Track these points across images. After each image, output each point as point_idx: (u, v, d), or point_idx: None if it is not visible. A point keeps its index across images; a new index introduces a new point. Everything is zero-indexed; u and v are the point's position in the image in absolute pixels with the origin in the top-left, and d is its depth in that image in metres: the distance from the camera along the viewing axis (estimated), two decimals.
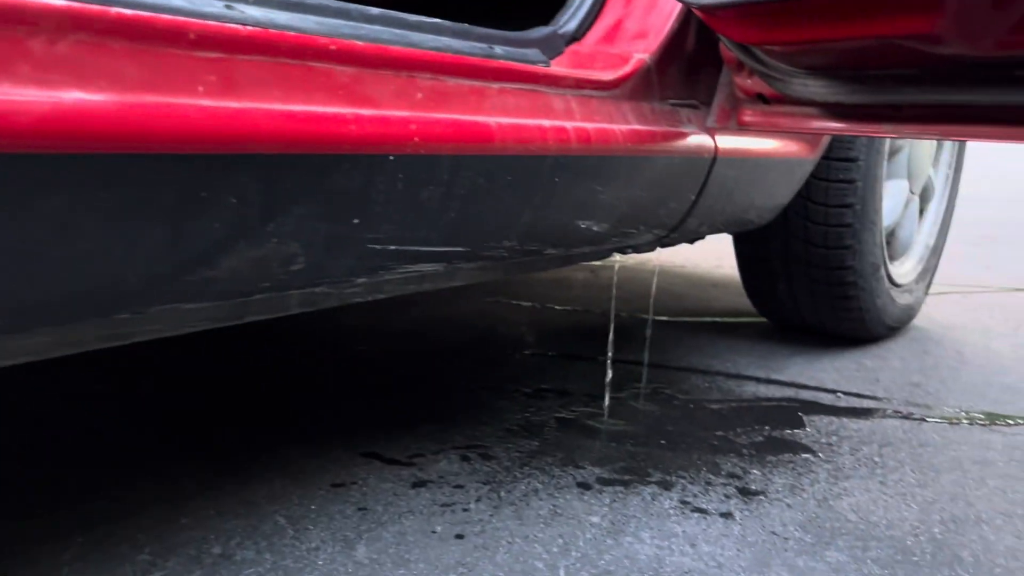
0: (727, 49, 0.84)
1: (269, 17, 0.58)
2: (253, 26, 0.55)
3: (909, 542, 0.83)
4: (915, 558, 0.80)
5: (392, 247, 0.64)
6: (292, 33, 0.54)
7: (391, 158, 0.59)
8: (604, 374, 1.32)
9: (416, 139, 0.60)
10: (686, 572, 0.76)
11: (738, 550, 0.80)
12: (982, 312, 2.02)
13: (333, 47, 0.56)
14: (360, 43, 0.58)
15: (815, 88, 0.74)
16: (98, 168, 0.44)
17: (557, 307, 1.81)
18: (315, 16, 0.62)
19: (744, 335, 1.66)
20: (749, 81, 0.85)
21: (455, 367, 1.36)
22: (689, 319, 1.78)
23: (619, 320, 1.72)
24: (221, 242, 0.51)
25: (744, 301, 1.68)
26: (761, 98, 0.85)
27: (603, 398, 1.21)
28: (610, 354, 1.21)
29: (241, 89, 0.50)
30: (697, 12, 0.73)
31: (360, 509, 0.84)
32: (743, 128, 0.90)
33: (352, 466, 0.95)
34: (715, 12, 0.70)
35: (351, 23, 0.64)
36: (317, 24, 0.62)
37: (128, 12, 0.45)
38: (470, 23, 0.81)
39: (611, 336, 1.21)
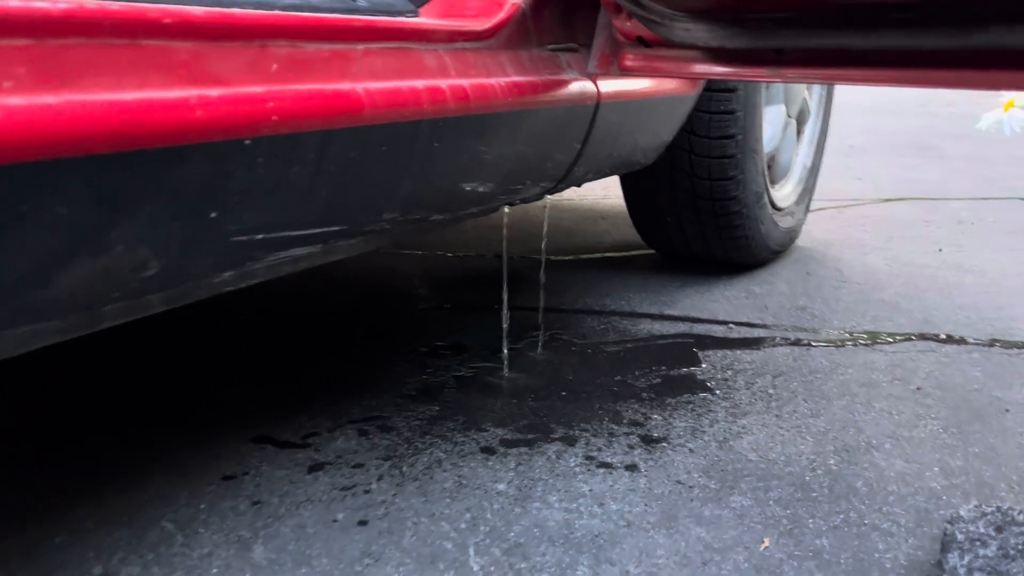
0: None
1: None
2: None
3: (807, 477, 0.85)
4: (814, 494, 0.82)
5: (259, 236, 0.59)
6: (115, 6, 0.47)
7: (247, 142, 0.53)
8: (500, 324, 1.30)
9: (274, 118, 0.54)
10: (596, 535, 0.75)
11: (646, 505, 0.80)
12: (856, 226, 2.10)
13: (168, 20, 0.49)
14: (199, 12, 0.51)
15: (697, 32, 0.71)
16: None
17: (448, 254, 1.77)
18: None
19: (636, 269, 1.66)
20: (628, 24, 0.81)
21: (346, 329, 1.31)
22: (581, 256, 1.77)
23: (512, 263, 1.70)
24: (53, 259, 0.45)
25: (634, 232, 1.67)
26: (642, 41, 0.82)
27: (501, 351, 1.19)
28: (505, 303, 1.18)
29: (60, 80, 0.43)
30: None
31: (255, 503, 0.80)
32: (625, 73, 0.87)
33: (243, 454, 0.90)
34: None
35: None
36: None
37: None
38: None
39: (505, 284, 1.18)
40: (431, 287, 1.54)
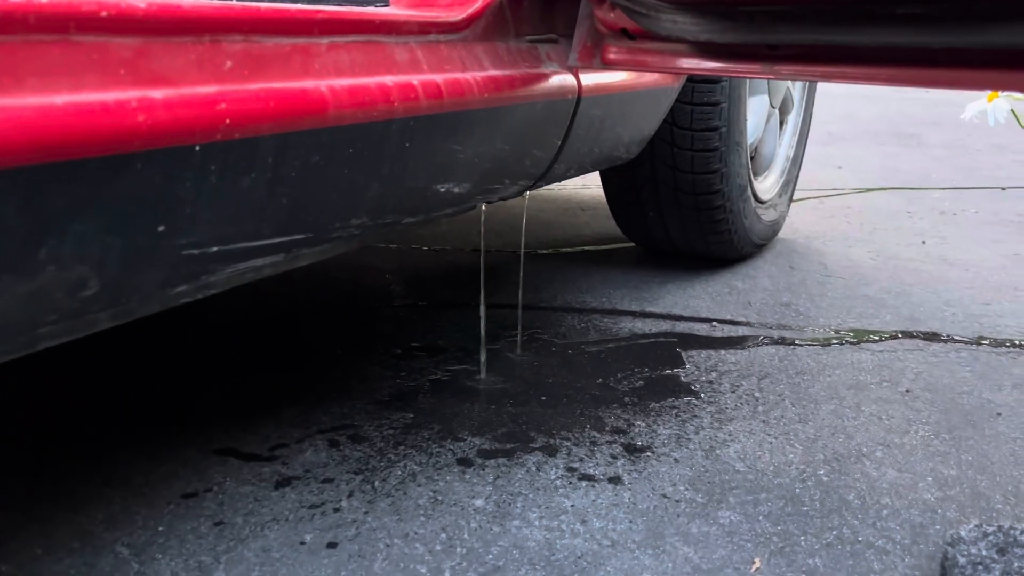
0: None
1: None
2: None
3: (798, 489, 0.82)
4: (805, 508, 0.79)
5: (214, 248, 0.54)
6: None
7: (197, 149, 0.48)
8: (478, 323, 1.25)
9: (227, 121, 0.49)
10: (579, 557, 0.71)
11: (630, 522, 0.76)
12: (839, 217, 2.07)
13: (105, 12, 0.44)
14: (141, 3, 0.46)
15: (685, 25, 0.66)
16: None
17: (424, 248, 1.72)
18: None
19: (617, 263, 1.63)
20: (612, 15, 0.77)
21: (317, 329, 1.26)
22: (561, 249, 1.73)
23: (490, 257, 1.65)
24: None
25: (615, 225, 1.63)
26: (626, 33, 0.77)
27: (478, 352, 1.15)
28: (483, 302, 1.13)
29: None
30: None
31: (217, 524, 0.75)
32: (608, 67, 0.82)
33: (206, 468, 0.85)
34: None
35: None
36: None
37: None
38: None
39: (483, 283, 1.13)
40: (406, 283, 1.49)
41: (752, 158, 1.58)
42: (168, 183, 0.47)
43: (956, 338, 1.24)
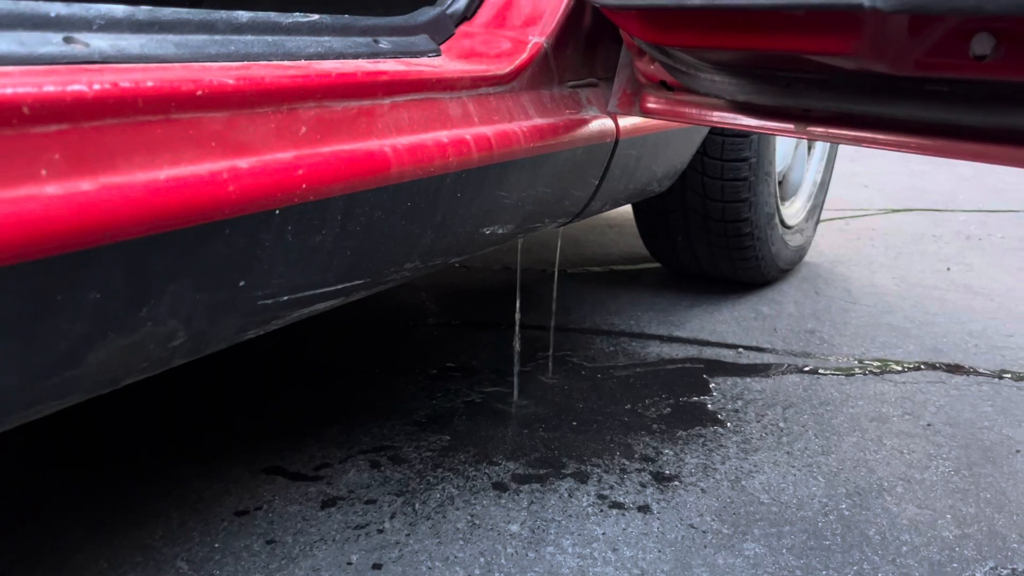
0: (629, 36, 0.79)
1: (119, 47, 0.50)
2: (101, 63, 0.47)
3: (820, 523, 0.86)
4: (827, 542, 0.82)
5: (285, 298, 0.58)
6: (150, 82, 0.46)
7: (277, 212, 0.52)
8: (510, 344, 1.30)
9: (304, 186, 0.54)
10: None
11: (659, 551, 0.80)
12: (864, 240, 2.10)
13: (200, 92, 0.49)
14: (231, 81, 0.51)
15: (723, 85, 0.70)
16: None
17: (455, 264, 1.76)
18: (174, 35, 0.54)
19: (644, 285, 1.66)
20: (652, 67, 0.80)
21: (353, 348, 1.30)
22: (590, 269, 1.76)
23: (521, 276, 1.69)
24: (84, 340, 0.45)
25: (642, 243, 1.67)
26: (665, 85, 0.81)
27: (510, 374, 1.19)
28: (518, 324, 1.17)
29: (94, 163, 0.43)
30: (601, 9, 0.68)
31: (268, 542, 0.80)
32: (646, 115, 0.86)
33: (255, 486, 0.90)
34: (619, 11, 0.65)
35: (217, 38, 0.57)
36: (178, 47, 0.54)
37: None
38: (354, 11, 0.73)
39: (518, 305, 1.17)
40: (438, 301, 1.53)
41: (780, 183, 1.61)
42: (250, 244, 0.52)
43: (979, 370, 1.27)
